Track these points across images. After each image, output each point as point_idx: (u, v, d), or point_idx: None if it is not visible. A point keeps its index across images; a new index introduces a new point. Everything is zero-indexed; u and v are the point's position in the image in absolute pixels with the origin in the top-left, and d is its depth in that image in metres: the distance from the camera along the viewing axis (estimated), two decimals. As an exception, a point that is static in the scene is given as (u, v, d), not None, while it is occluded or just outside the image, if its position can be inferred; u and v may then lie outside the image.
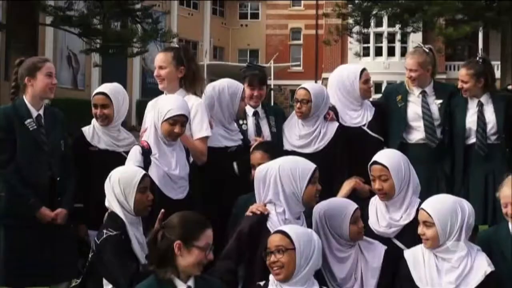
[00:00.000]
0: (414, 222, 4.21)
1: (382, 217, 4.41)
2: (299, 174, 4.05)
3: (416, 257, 4.09)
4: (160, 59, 5.20)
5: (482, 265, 3.98)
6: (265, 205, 4.11)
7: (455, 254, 3.99)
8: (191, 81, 5.13)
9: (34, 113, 4.99)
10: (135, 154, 4.56)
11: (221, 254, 4.02)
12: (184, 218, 3.58)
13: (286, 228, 3.80)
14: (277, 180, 4.05)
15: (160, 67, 5.18)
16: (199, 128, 4.93)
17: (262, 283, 3.81)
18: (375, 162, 4.38)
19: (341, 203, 4.31)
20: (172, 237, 3.49)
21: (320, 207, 4.25)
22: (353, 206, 4.24)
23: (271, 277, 3.76)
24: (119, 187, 4.05)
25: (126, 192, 4.04)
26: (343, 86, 5.55)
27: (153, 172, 4.48)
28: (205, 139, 4.96)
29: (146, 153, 4.55)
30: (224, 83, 5.29)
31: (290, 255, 3.67)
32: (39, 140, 4.94)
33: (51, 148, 4.98)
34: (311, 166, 4.12)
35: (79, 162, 5.18)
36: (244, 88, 5.37)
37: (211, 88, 5.29)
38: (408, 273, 4.06)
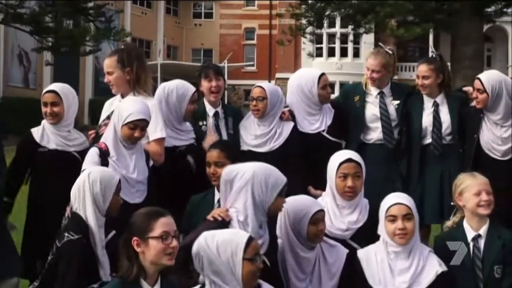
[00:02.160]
0: (368, 223, 4.28)
1: (338, 219, 4.43)
2: (271, 184, 3.95)
3: (369, 257, 4.15)
4: (106, 64, 5.19)
5: (434, 265, 4.07)
6: (227, 211, 3.99)
7: (415, 252, 4.08)
8: (136, 82, 5.09)
9: None
10: (92, 155, 4.48)
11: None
12: (136, 213, 3.56)
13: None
14: (248, 185, 3.93)
15: (108, 73, 5.16)
16: (154, 130, 4.89)
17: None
18: (350, 160, 4.41)
19: (305, 201, 4.28)
20: (130, 236, 3.46)
21: (287, 201, 4.17)
22: (316, 206, 4.23)
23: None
24: (99, 186, 3.96)
25: (106, 192, 3.97)
26: (301, 92, 5.54)
27: None
28: (160, 140, 4.92)
29: (104, 154, 4.48)
30: (174, 85, 5.26)
31: None
32: None
33: None
34: (283, 178, 4.02)
35: (26, 163, 5.17)
36: (195, 92, 5.33)
37: (161, 88, 5.27)
38: (361, 272, 4.11)
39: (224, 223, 3.92)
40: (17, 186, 5.24)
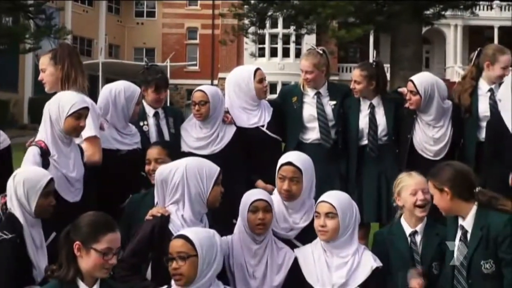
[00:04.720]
0: (312, 223, 4.31)
1: (283, 219, 4.47)
2: (206, 174, 4.04)
3: (306, 255, 4.22)
4: (40, 62, 5.19)
5: (369, 261, 4.17)
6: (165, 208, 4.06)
7: (348, 249, 4.16)
8: (66, 79, 5.04)
9: None
10: (33, 155, 4.41)
11: (123, 257, 3.91)
12: (91, 219, 3.50)
13: (188, 232, 3.63)
14: (183, 179, 4.01)
15: (42, 70, 5.15)
16: (86, 128, 4.81)
17: None
18: (290, 163, 4.43)
19: (252, 191, 4.35)
20: (74, 237, 3.43)
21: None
22: (256, 196, 4.25)
23: (173, 282, 3.64)
24: (22, 189, 3.94)
25: (29, 195, 3.94)
26: (238, 87, 5.61)
27: (51, 174, 4.32)
28: (92, 139, 4.88)
29: (45, 154, 4.43)
30: (121, 86, 5.26)
31: (192, 262, 3.53)
32: None
33: None
34: (216, 167, 4.12)
35: None
36: (140, 92, 5.35)
37: (107, 90, 5.26)
38: (299, 271, 4.17)
39: (164, 219, 3.99)
40: None
